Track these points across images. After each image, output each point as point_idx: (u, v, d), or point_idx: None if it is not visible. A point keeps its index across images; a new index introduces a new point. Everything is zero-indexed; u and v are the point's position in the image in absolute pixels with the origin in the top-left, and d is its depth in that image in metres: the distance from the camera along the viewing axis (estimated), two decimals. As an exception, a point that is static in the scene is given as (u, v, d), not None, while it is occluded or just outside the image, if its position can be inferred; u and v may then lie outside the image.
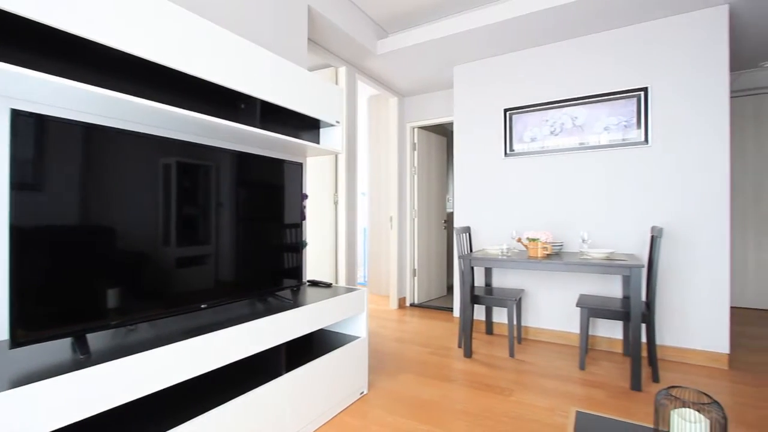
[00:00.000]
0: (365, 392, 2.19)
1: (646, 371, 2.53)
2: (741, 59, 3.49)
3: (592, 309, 2.48)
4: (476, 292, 2.97)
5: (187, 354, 1.26)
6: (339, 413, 1.97)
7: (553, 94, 3.16)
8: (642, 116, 2.82)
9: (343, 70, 3.41)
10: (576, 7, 2.64)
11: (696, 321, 2.68)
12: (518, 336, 3.13)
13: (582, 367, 2.55)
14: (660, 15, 2.74)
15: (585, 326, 2.50)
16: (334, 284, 2.39)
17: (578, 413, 1.18)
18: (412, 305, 4.46)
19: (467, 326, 2.78)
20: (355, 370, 2.09)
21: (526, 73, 3.29)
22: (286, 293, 2.01)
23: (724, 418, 0.88)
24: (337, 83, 3.45)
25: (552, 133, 3.14)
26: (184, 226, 1.46)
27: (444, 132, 5.49)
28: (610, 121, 2.92)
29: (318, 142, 2.40)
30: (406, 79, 3.95)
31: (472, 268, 3.02)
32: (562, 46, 3.13)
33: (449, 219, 5.40)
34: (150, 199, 1.34)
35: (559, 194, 3.14)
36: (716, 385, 2.32)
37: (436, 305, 4.42)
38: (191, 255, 1.49)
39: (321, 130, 2.42)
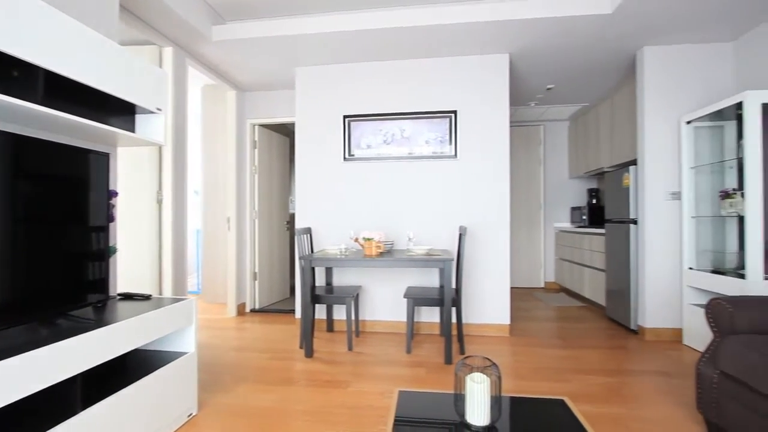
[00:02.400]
0: (194, 413, 1.98)
1: (456, 347, 3.03)
2: (518, 97, 4.54)
3: (416, 299, 2.84)
4: (317, 292, 3.04)
5: None
6: (160, 443, 1.73)
7: (387, 106, 3.49)
8: (453, 134, 3.38)
9: (169, 52, 3.00)
10: (405, 34, 2.98)
11: (489, 301, 3.37)
12: (356, 330, 3.34)
13: (408, 351, 2.89)
14: (466, 53, 3.34)
15: (411, 315, 2.84)
16: (155, 296, 2.07)
17: (400, 392, 1.35)
18: (253, 311, 4.25)
19: (308, 326, 2.81)
20: (181, 391, 1.86)
21: (365, 83, 3.53)
22: (86, 311, 1.65)
23: (499, 375, 1.14)
24: (161, 66, 3.01)
25: (385, 141, 3.46)
26: None
27: (287, 132, 5.41)
28: (430, 136, 3.40)
29: (133, 131, 2.05)
30: (246, 72, 3.74)
31: (313, 269, 3.08)
32: (396, 64, 3.49)
33: (292, 220, 5.35)
34: None
35: (391, 197, 3.49)
36: (502, 350, 2.97)
37: (278, 308, 4.32)
38: None
39: (138, 116, 2.07)
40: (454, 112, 3.38)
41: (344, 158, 3.53)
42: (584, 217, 4.83)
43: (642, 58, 3.23)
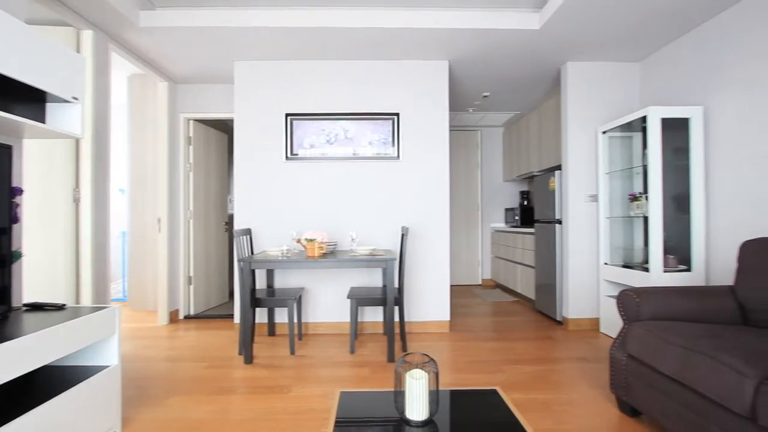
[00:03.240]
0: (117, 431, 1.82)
1: (399, 345, 3.10)
2: (458, 103, 4.74)
3: (359, 299, 2.85)
4: (257, 295, 2.94)
5: None
6: (76, 467, 1.57)
7: (330, 106, 3.47)
8: (396, 136, 3.45)
9: (89, 35, 2.73)
10: (348, 34, 2.99)
11: (430, 299, 3.48)
12: (299, 333, 3.28)
13: (352, 351, 2.90)
14: (409, 57, 3.42)
15: (354, 315, 2.85)
16: (71, 305, 1.87)
17: (342, 393, 1.35)
18: (188, 317, 4.00)
19: (248, 331, 2.71)
20: (102, 408, 1.70)
21: (309, 82, 3.48)
22: (-17, 326, 1.45)
23: (436, 371, 1.19)
24: (79, 50, 2.73)
25: (328, 142, 3.44)
26: None
27: (225, 128, 5.16)
28: (374, 137, 3.44)
29: (43, 121, 1.83)
30: (180, 63, 3.51)
31: (253, 271, 2.97)
32: (340, 64, 3.47)
33: (231, 221, 5.11)
34: None
35: (334, 198, 3.47)
36: (442, 345, 3.08)
37: (216, 314, 4.10)
38: None
39: (48, 105, 1.86)
40: (397, 114, 3.45)
41: (286, 157, 3.45)
42: (517, 218, 5.16)
43: (566, 72, 3.54)
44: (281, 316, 3.45)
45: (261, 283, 3.44)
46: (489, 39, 3.06)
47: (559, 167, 3.93)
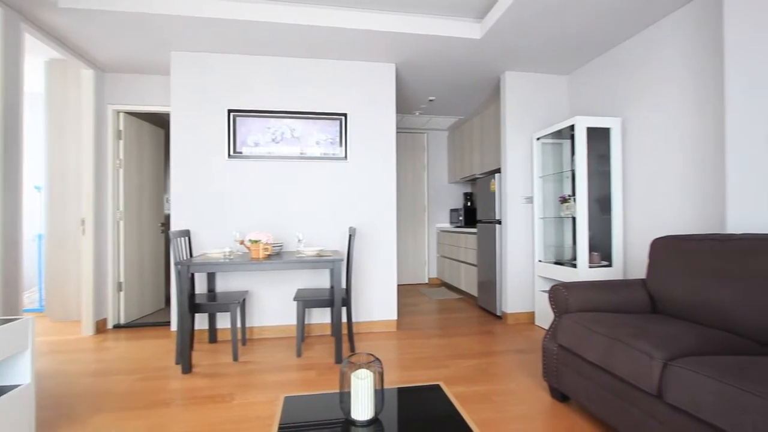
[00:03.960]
0: (32, 456, 1.64)
1: (347, 346, 3.10)
2: (405, 105, 4.84)
3: (306, 300, 2.81)
4: (197, 300, 2.79)
5: None
6: (-20, 501, 1.39)
7: (276, 104, 3.38)
8: (343, 136, 3.44)
9: (-6, 14, 2.42)
10: (293, 31, 2.93)
11: (378, 299, 3.52)
12: (243, 338, 3.16)
13: (299, 354, 2.85)
14: (356, 58, 3.43)
15: (301, 317, 2.81)
16: (-28, 319, 1.64)
17: (286, 398, 1.33)
18: (118, 326, 3.69)
19: (186, 339, 2.56)
20: (12, 432, 1.53)
21: (253, 78, 3.36)
22: None
23: (381, 370, 1.21)
24: (-18, 29, 2.41)
25: (274, 140, 3.35)
26: None
27: (162, 123, 4.83)
28: (321, 137, 3.41)
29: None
30: (108, 50, 3.22)
31: (192, 275, 2.82)
32: (287, 61, 3.40)
33: (168, 222, 4.79)
34: None
35: (281, 198, 3.39)
36: (389, 344, 3.13)
37: (150, 322, 3.82)
38: None
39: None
40: (345, 115, 3.45)
41: (229, 155, 3.30)
42: (461, 218, 5.38)
43: (504, 81, 3.75)
44: (224, 321, 3.30)
45: (201, 287, 3.27)
46: (434, 45, 3.16)
47: (499, 170, 4.16)
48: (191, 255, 3.12)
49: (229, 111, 3.30)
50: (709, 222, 2.41)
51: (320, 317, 3.44)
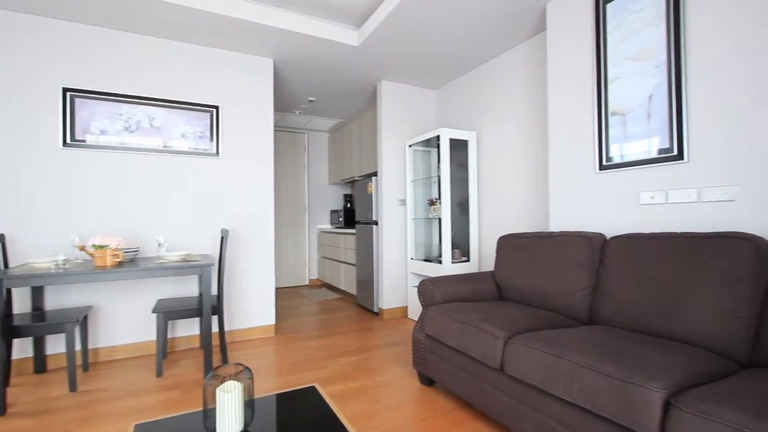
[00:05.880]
0: None
1: (218, 357, 2.86)
2: (285, 103, 4.71)
3: (168, 312, 2.51)
4: (17, 322, 2.24)
5: None
6: None
7: (131, 87, 2.93)
8: (215, 131, 3.18)
9: None
10: (155, 6, 2.59)
11: (253, 303, 3.35)
12: (84, 363, 2.65)
13: (159, 373, 2.53)
14: (232, 48, 3.21)
15: (162, 331, 2.49)
16: None
17: (137, 426, 1.17)
18: None
19: (-3, 372, 2.03)
20: None
21: (102, 54, 2.84)
22: None
23: (251, 378, 1.16)
24: None
25: (127, 129, 2.90)
26: None
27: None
28: (187, 130, 3.09)
29: None
30: None
31: (9, 291, 2.25)
32: (148, 41, 2.97)
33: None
34: None
35: (138, 197, 2.95)
36: (267, 350, 3.01)
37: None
38: None
39: None
40: (217, 107, 3.19)
41: (64, 143, 2.74)
42: (341, 219, 5.48)
43: (381, 89, 3.96)
44: (56, 345, 2.72)
45: (24, 305, 2.63)
46: (313, 46, 3.16)
47: (375, 173, 4.36)
48: (6, 265, 2.49)
49: (65, 90, 2.74)
50: (541, 221, 2.95)
51: (188, 329, 3.11)
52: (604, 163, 2.24)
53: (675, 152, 1.91)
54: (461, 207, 3.64)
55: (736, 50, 1.71)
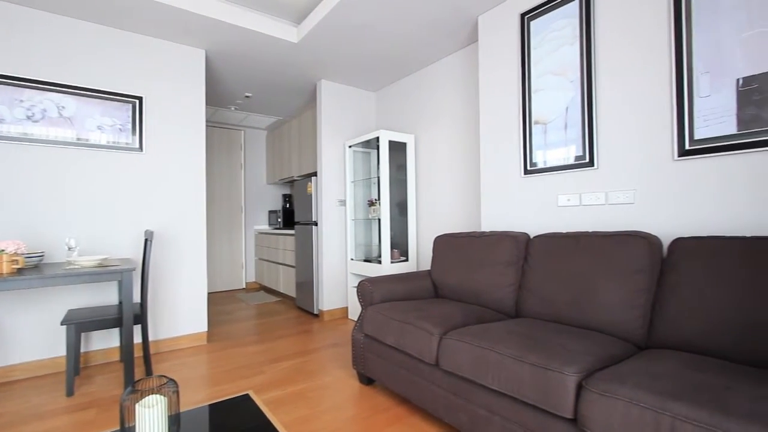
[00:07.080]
0: None
1: (141, 370, 2.64)
2: (219, 98, 4.47)
3: (81, 323, 2.26)
4: None
5: None
6: None
7: (35, 71, 2.59)
8: (137, 124, 2.92)
9: None
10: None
11: (183, 310, 3.14)
12: (-28, 386, 2.30)
13: (70, 392, 2.27)
14: (158, 35, 2.97)
15: (73, 344, 2.24)
16: None
17: (41, 452, 1.04)
18: None
19: None
20: None
21: (-10, 32, 2.48)
22: None
23: (176, 391, 1.09)
24: None
25: (30, 118, 2.57)
26: None
27: None
28: (105, 122, 2.80)
29: None
30: None
31: None
32: (56, 20, 2.64)
33: None
34: None
35: (44, 195, 2.62)
36: (198, 360, 2.83)
37: None
38: None
39: None
40: (140, 98, 2.93)
41: (-55, 134, 2.35)
42: (279, 220, 5.32)
43: (320, 88, 3.91)
44: (-66, 368, 2.33)
45: None
46: (249, 39, 3.03)
47: (315, 173, 4.30)
48: None
49: (-54, 71, 2.35)
50: (475, 221, 3.11)
51: (106, 341, 2.82)
52: (529, 168, 2.42)
53: (587, 159, 2.13)
54: (400, 208, 3.72)
55: (636, 69, 1.95)
